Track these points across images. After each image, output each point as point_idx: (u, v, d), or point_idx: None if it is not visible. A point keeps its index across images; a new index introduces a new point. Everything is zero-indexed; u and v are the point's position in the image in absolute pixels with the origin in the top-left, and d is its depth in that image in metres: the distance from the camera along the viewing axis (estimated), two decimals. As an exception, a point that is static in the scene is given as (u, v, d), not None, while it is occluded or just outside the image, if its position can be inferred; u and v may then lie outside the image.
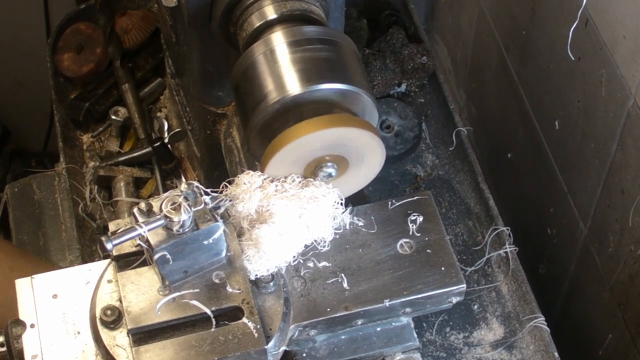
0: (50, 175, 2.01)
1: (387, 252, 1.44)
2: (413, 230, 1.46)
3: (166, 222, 1.27)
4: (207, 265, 1.35)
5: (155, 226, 1.27)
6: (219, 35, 1.51)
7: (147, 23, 2.21)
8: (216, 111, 1.76)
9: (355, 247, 1.45)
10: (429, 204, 1.49)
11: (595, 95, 1.76)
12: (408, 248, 1.45)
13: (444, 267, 1.43)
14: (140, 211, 1.28)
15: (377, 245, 1.45)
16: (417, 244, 1.45)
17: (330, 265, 1.42)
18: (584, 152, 1.87)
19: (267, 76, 1.34)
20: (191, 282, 1.34)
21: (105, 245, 1.25)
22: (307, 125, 1.30)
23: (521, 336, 1.74)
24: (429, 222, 1.47)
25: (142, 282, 1.34)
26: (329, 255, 1.43)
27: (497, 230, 1.84)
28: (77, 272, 1.41)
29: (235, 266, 1.36)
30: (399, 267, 1.43)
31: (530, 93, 2.10)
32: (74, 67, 2.20)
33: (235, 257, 1.36)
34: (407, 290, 1.41)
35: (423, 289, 1.41)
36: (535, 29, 1.98)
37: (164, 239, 1.28)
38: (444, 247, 1.45)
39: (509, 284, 1.81)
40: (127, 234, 1.27)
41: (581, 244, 1.97)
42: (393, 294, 1.40)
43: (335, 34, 1.39)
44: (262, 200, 1.37)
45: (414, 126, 2.02)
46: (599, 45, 1.69)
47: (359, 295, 1.40)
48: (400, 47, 2.06)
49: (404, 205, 1.48)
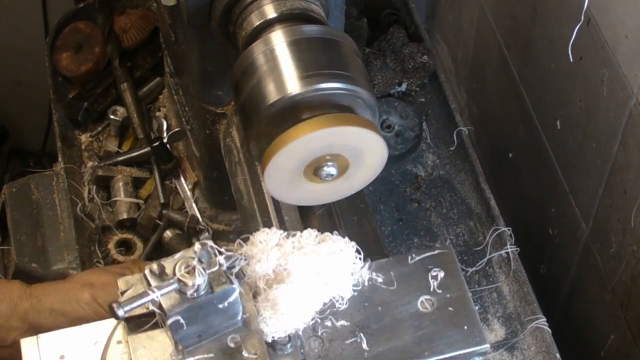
0: (49, 175, 2.01)
1: (407, 309, 1.40)
2: (434, 287, 1.41)
3: (180, 286, 1.23)
4: (222, 328, 1.31)
5: (168, 291, 1.23)
6: (219, 34, 1.50)
7: (146, 22, 2.21)
8: (215, 111, 1.76)
9: (374, 305, 1.40)
10: (450, 258, 1.44)
11: (596, 95, 1.76)
12: (429, 305, 1.40)
13: (467, 326, 1.38)
14: (152, 273, 1.25)
15: (396, 303, 1.40)
16: (438, 301, 1.40)
17: (349, 324, 1.38)
18: (585, 151, 1.86)
19: (267, 76, 1.34)
20: (205, 346, 1.30)
21: (117, 313, 1.22)
22: (308, 125, 1.29)
23: (522, 337, 1.74)
24: (450, 278, 1.42)
25: (154, 347, 1.29)
26: (347, 313, 1.39)
27: (498, 230, 1.84)
28: (85, 331, 1.36)
29: (251, 329, 1.31)
30: (419, 326, 1.38)
31: (531, 92, 2.10)
32: (73, 66, 2.19)
33: (251, 320, 1.32)
34: (428, 351, 1.36)
35: (445, 350, 1.37)
36: (536, 28, 1.98)
37: (177, 303, 1.24)
38: (466, 305, 1.40)
39: (510, 285, 1.81)
40: (139, 299, 1.23)
41: (583, 245, 1.97)
42: (414, 355, 1.36)
43: (335, 33, 1.39)
44: (280, 259, 1.34)
45: (414, 126, 2.02)
46: (601, 45, 1.69)
47: (379, 356, 1.36)
48: (401, 46, 2.06)
49: (424, 259, 1.44)
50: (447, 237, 1.91)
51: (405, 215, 1.96)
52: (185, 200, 2.04)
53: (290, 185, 1.38)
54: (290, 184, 1.38)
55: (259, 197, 1.66)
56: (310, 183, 1.39)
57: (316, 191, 1.42)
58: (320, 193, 1.43)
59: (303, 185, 1.39)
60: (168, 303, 1.24)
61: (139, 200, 2.02)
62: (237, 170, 1.74)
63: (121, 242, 1.97)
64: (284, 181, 1.37)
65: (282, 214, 1.62)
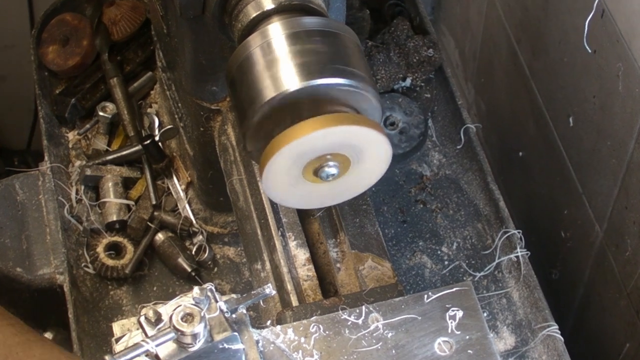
0: (34, 175, 2.01)
1: (424, 353, 1.38)
2: (452, 328, 1.39)
3: (177, 335, 1.22)
4: None
5: (165, 341, 1.22)
6: (213, 26, 1.50)
7: (137, 13, 2.21)
8: (210, 107, 1.76)
9: (388, 349, 1.38)
10: (469, 296, 1.43)
11: (611, 90, 1.76)
12: (447, 348, 1.38)
13: None
14: (147, 321, 1.23)
15: (412, 346, 1.38)
16: (457, 343, 1.38)
17: None
18: (599, 150, 1.87)
19: (264, 70, 1.34)
20: None
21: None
22: (309, 123, 1.29)
23: (533, 345, 1.74)
24: (469, 318, 1.40)
25: None
26: (359, 358, 1.37)
27: (507, 233, 1.84)
28: None
29: None
30: None
31: (542, 88, 2.10)
32: (59, 60, 2.19)
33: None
34: None
35: None
36: (548, 19, 1.98)
37: (174, 353, 1.23)
38: (486, 347, 1.38)
39: (520, 290, 1.81)
40: (134, 351, 1.21)
41: (597, 248, 1.97)
42: None
43: (336, 26, 1.39)
44: None
45: (419, 123, 2.02)
46: (616, 37, 1.69)
47: None
48: (405, 39, 2.06)
49: (442, 298, 1.42)
50: (453, 240, 1.92)
51: (409, 217, 1.96)
52: (178, 202, 2.04)
53: (289, 186, 1.38)
54: (288, 185, 1.38)
55: (256, 198, 1.66)
56: (310, 184, 1.39)
57: (316, 193, 1.42)
58: (320, 195, 1.43)
59: (302, 186, 1.39)
60: (165, 353, 1.23)
61: (130, 201, 2.02)
62: (232, 169, 1.74)
63: (111, 245, 1.97)
64: (282, 182, 1.37)
65: (280, 216, 1.62)
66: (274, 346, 1.38)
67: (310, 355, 1.39)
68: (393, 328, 1.40)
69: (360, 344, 1.39)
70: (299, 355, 1.38)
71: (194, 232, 2.01)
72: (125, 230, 1.99)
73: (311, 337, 1.40)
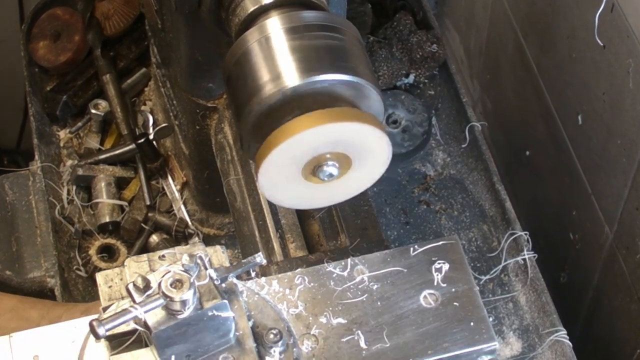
0: (24, 175, 2.01)
1: (410, 305, 1.40)
2: (438, 281, 1.42)
3: (166, 301, 1.23)
4: (213, 347, 1.30)
5: (153, 307, 1.23)
6: (209, 21, 1.51)
7: (131, 8, 2.21)
8: (206, 104, 1.76)
9: (373, 300, 1.41)
10: (456, 249, 1.45)
11: (622, 87, 1.76)
12: (433, 301, 1.41)
13: (473, 322, 1.39)
14: (136, 288, 1.24)
15: (398, 298, 1.41)
16: (442, 295, 1.41)
17: (346, 322, 1.39)
18: (609, 149, 1.87)
19: (262, 66, 1.34)
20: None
21: (97, 331, 1.21)
22: (307, 120, 1.29)
23: (541, 351, 1.74)
24: (455, 271, 1.43)
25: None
26: (344, 309, 1.40)
27: (514, 235, 1.85)
28: (61, 329, 1.36)
29: (245, 348, 1.31)
30: (422, 322, 1.39)
31: (550, 85, 2.10)
32: (50, 56, 2.20)
33: (245, 337, 1.32)
34: (431, 349, 1.36)
35: (450, 348, 1.37)
36: (556, 14, 1.98)
37: (163, 320, 1.24)
38: (472, 299, 1.40)
39: (527, 294, 1.81)
40: (122, 317, 1.22)
41: (607, 250, 1.97)
42: (416, 354, 1.36)
43: (336, 20, 1.39)
44: None
45: (423, 121, 2.02)
46: (626, 33, 1.69)
47: (378, 354, 1.36)
48: (408, 34, 2.06)
49: (428, 251, 1.45)
50: (458, 242, 1.92)
51: (412, 219, 1.96)
52: (173, 202, 2.04)
53: (287, 186, 1.38)
54: (286, 185, 1.38)
55: (254, 199, 1.66)
56: (309, 184, 1.39)
57: (315, 193, 1.42)
58: (319, 195, 1.43)
59: (301, 186, 1.39)
60: (153, 320, 1.24)
61: (123, 202, 2.02)
62: (229, 169, 1.74)
63: (103, 247, 1.98)
64: (279, 181, 1.37)
65: (278, 217, 1.62)
66: (259, 297, 1.40)
67: (294, 307, 1.41)
68: (378, 280, 1.43)
69: (346, 296, 1.41)
70: (283, 306, 1.41)
71: (190, 233, 2.01)
72: (119, 232, 2.00)
73: (296, 288, 1.43)
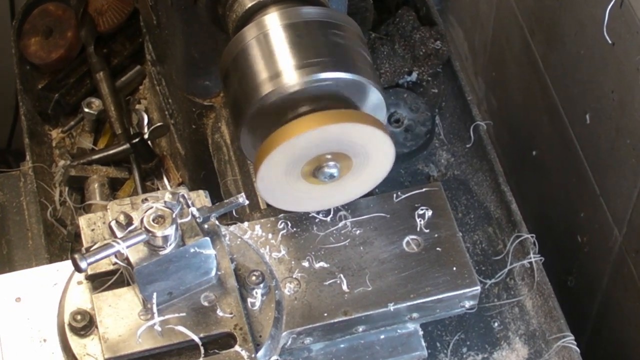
0: (15, 176, 2.01)
1: (392, 250, 1.45)
2: (421, 226, 1.47)
3: (148, 237, 1.25)
4: (195, 285, 1.33)
5: (136, 242, 1.25)
6: (206, 16, 1.51)
7: (125, 3, 2.21)
8: (202, 103, 1.76)
9: (356, 245, 1.45)
10: (439, 196, 1.50)
11: (631, 85, 1.76)
12: (415, 246, 1.45)
13: (456, 267, 1.44)
14: (118, 224, 1.26)
15: (380, 243, 1.46)
16: (425, 241, 1.46)
17: (328, 266, 1.43)
18: (618, 149, 1.87)
19: (261, 64, 1.34)
20: (177, 305, 1.33)
21: (79, 264, 1.23)
22: (307, 121, 1.30)
23: (548, 357, 1.74)
24: (439, 217, 1.48)
25: (121, 305, 1.32)
26: (326, 254, 1.44)
27: (520, 237, 1.84)
28: (43, 272, 1.40)
29: (227, 287, 1.35)
30: (405, 267, 1.43)
31: (557, 83, 2.10)
32: (42, 53, 2.19)
33: (227, 277, 1.35)
34: (414, 293, 1.41)
35: (432, 292, 1.42)
36: (563, 9, 1.98)
37: (145, 256, 1.27)
38: (455, 245, 1.46)
39: (533, 299, 1.81)
40: (104, 251, 1.25)
41: (615, 253, 1.97)
42: (398, 297, 1.41)
43: (337, 16, 1.39)
44: None
45: (426, 120, 2.02)
46: (636, 29, 1.69)
47: (360, 298, 1.41)
48: (411, 30, 2.06)
49: (411, 197, 1.49)
50: (462, 245, 1.92)
51: (415, 221, 1.96)
52: (169, 204, 2.04)
53: (286, 187, 1.38)
54: (286, 187, 1.38)
55: (252, 200, 1.66)
56: (309, 185, 1.39)
57: (315, 195, 1.42)
58: (319, 197, 1.44)
59: (300, 188, 1.39)
60: (135, 256, 1.26)
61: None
62: (226, 169, 1.74)
63: (96, 250, 1.97)
64: (279, 183, 1.37)
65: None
66: (241, 241, 1.44)
67: (277, 251, 1.46)
68: (361, 225, 1.47)
69: (328, 241, 1.46)
70: (266, 250, 1.45)
71: (186, 236, 2.01)
72: (112, 234, 1.99)
73: (278, 233, 1.47)
